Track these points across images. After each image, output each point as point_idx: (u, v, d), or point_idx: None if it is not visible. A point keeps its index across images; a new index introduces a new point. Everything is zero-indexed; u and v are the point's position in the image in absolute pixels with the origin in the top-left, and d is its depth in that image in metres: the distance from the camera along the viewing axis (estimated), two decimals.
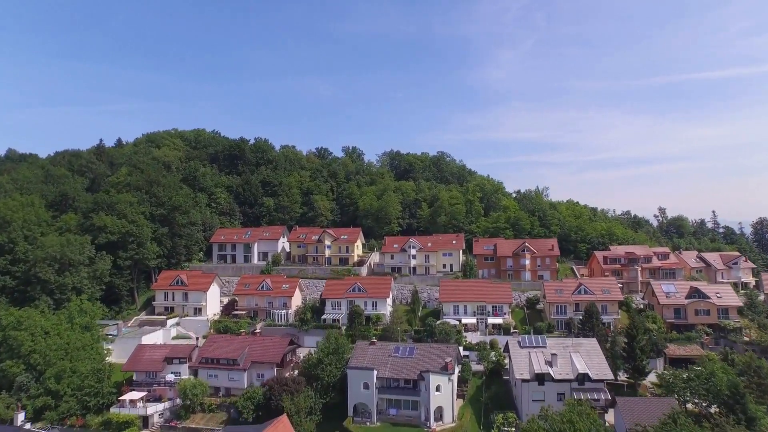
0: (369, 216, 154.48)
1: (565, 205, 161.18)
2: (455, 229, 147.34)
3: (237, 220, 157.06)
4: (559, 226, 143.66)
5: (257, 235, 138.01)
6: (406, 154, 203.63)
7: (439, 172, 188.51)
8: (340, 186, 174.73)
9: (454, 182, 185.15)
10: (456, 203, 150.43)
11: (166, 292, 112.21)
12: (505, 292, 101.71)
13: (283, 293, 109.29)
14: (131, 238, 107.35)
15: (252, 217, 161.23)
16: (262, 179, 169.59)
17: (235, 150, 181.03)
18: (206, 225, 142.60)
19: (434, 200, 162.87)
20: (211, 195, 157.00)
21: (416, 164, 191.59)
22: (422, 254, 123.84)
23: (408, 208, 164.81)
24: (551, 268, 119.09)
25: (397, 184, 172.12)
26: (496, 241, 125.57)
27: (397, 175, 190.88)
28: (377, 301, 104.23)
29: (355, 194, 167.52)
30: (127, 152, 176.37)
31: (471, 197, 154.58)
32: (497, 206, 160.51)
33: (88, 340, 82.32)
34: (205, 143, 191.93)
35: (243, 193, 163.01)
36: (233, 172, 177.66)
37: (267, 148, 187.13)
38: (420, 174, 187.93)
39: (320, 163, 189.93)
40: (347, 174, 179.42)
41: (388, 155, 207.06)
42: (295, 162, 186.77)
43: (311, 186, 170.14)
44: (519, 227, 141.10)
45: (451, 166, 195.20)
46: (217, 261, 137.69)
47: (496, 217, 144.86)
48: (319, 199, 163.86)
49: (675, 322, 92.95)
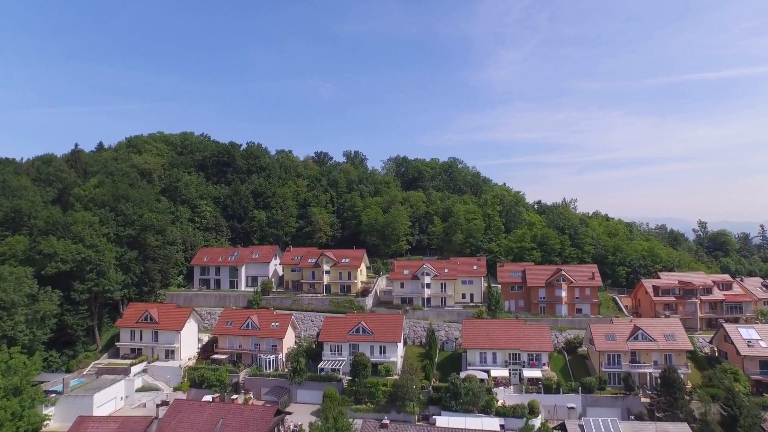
0: (374, 232, 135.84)
1: (597, 221, 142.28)
2: (473, 249, 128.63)
3: (224, 236, 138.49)
4: (593, 245, 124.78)
5: (245, 256, 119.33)
6: (414, 160, 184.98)
7: (451, 181, 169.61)
8: (341, 197, 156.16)
9: (468, 192, 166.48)
10: (473, 218, 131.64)
11: (132, 330, 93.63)
12: (542, 336, 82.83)
13: (272, 334, 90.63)
14: (89, 266, 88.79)
15: (241, 233, 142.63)
16: (254, 189, 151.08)
17: (224, 156, 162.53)
18: (188, 244, 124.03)
19: (447, 213, 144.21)
20: (194, 208, 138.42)
21: (425, 171, 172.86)
22: (438, 282, 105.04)
23: (418, 222, 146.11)
24: (592, 301, 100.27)
25: (404, 195, 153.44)
26: (525, 267, 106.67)
27: (405, 183, 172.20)
28: (386, 345, 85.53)
29: (358, 206, 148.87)
30: (105, 159, 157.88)
31: (490, 211, 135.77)
32: (518, 220, 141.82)
33: (17, 408, 63.76)
34: (192, 148, 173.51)
35: (231, 205, 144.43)
36: (222, 181, 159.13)
37: (260, 153, 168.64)
38: (430, 182, 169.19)
39: (319, 170, 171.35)
40: (349, 183, 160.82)
41: (394, 161, 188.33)
42: (291, 169, 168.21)
43: (309, 197, 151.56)
44: (547, 247, 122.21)
45: (464, 173, 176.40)
46: (199, 286, 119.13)
47: (520, 235, 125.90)
48: (317, 212, 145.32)
49: (763, 380, 74.05)
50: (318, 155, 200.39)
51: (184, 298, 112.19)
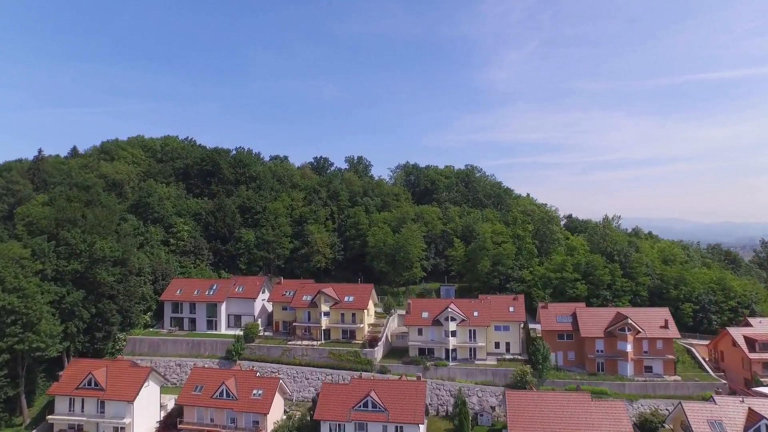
0: (382, 256, 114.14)
1: (647, 242, 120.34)
2: (501, 278, 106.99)
3: (205, 261, 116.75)
4: (648, 275, 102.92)
5: (226, 289, 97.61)
6: (426, 168, 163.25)
7: (469, 192, 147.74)
8: (343, 211, 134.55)
9: (490, 205, 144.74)
10: (503, 241, 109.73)
11: (71, 398, 71.92)
12: (617, 419, 60.88)
13: (253, 406, 68.85)
14: (11, 318, 67.29)
15: (225, 256, 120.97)
16: (241, 203, 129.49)
17: (207, 164, 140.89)
18: (159, 273, 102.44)
19: (468, 232, 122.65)
20: (169, 228, 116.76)
21: (440, 181, 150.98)
22: (465, 329, 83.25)
23: (433, 243, 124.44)
24: (666, 357, 78.29)
25: (417, 210, 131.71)
26: (576, 309, 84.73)
27: (416, 195, 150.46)
28: (404, 427, 63.79)
29: (363, 224, 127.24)
30: (71, 168, 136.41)
31: (520, 231, 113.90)
32: (550, 240, 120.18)
33: None
34: (173, 154, 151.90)
35: (215, 223, 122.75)
36: (205, 194, 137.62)
37: (250, 160, 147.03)
38: (445, 194, 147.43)
39: (318, 179, 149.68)
40: (352, 195, 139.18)
41: (403, 169, 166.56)
42: (285, 179, 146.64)
43: (305, 212, 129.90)
44: (594, 278, 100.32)
45: (484, 183, 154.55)
46: (170, 327, 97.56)
47: (559, 263, 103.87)
48: (315, 231, 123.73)
49: None
50: (317, 161, 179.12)
51: (150, 344, 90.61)
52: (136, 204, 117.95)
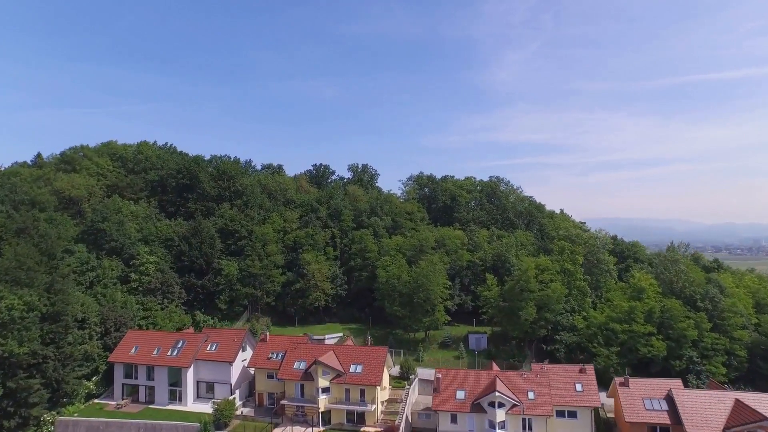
0: (395, 296, 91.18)
1: (730, 277, 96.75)
2: (549, 327, 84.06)
3: (175, 301, 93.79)
4: (745, 328, 79.62)
5: (195, 347, 74.54)
6: (443, 180, 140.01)
7: (498, 211, 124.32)
8: (347, 235, 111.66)
9: (521, 226, 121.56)
10: (551, 279, 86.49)
11: None
12: None
13: None
14: None
15: (201, 293, 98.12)
16: (223, 226, 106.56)
17: (184, 176, 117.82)
18: (111, 322, 79.64)
19: (499, 262, 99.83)
20: (131, 260, 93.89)
21: (461, 196, 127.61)
22: (517, 419, 60.04)
23: (458, 275, 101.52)
24: None
25: (437, 234, 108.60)
26: (671, 390, 61.28)
27: (433, 213, 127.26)
28: None
29: (371, 251, 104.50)
30: (20, 181, 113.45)
31: (569, 265, 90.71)
32: (598, 272, 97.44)
33: None
34: (146, 164, 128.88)
35: (189, 251, 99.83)
36: (180, 212, 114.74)
37: (236, 171, 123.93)
38: (468, 213, 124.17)
39: (317, 194, 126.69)
40: (357, 214, 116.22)
41: (416, 181, 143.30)
42: (277, 194, 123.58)
43: (300, 237, 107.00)
44: (675, 332, 76.99)
45: (512, 198, 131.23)
46: (122, 396, 74.58)
47: (626, 311, 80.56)
48: (312, 260, 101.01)
49: None
50: (316, 170, 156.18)
51: (88, 428, 67.62)
52: (89, 230, 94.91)
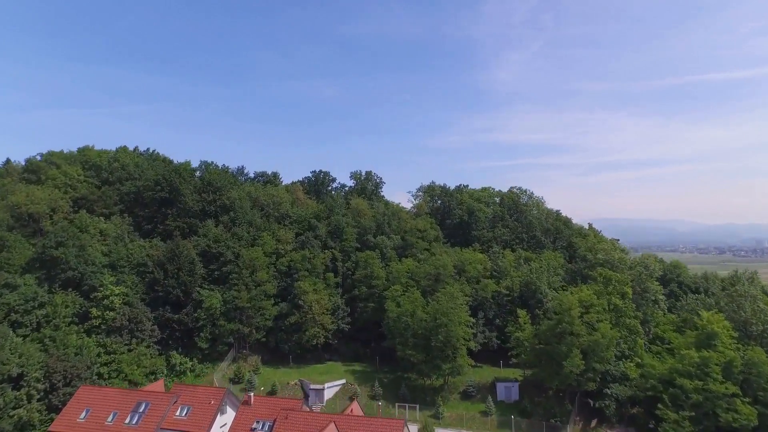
0: (408, 338, 76.04)
1: None
2: (598, 380, 68.90)
3: (145, 340, 78.57)
4: None
5: (160, 412, 59.16)
6: (457, 190, 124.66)
7: (523, 229, 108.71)
8: (350, 257, 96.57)
9: (548, 245, 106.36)
10: (597, 319, 71.14)
11: None
12: None
13: None
14: None
15: (177, 330, 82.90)
16: (205, 248, 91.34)
17: (163, 188, 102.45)
18: (60, 375, 64.56)
19: (529, 292, 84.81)
20: (92, 292, 78.68)
21: (479, 211, 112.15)
22: None
23: (481, 307, 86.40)
24: None
25: (456, 258, 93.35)
26: None
27: (448, 230, 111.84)
28: None
29: (378, 278, 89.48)
30: None
31: (618, 301, 75.40)
32: (644, 301, 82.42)
33: None
34: (122, 174, 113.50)
35: (163, 279, 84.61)
36: (158, 230, 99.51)
37: (223, 182, 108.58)
38: (488, 230, 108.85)
39: (316, 208, 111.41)
40: (361, 232, 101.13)
41: (427, 192, 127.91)
42: (270, 208, 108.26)
43: (296, 260, 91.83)
44: (763, 393, 61.79)
45: (538, 213, 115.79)
46: None
47: (698, 362, 65.23)
48: (309, 289, 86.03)
49: None
50: (315, 177, 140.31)
51: None
52: (40, 257, 79.61)
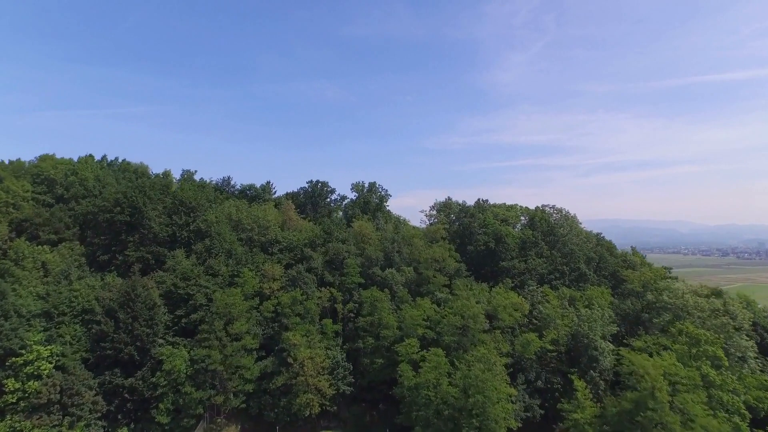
0: (429, 415, 57.30)
1: None
2: None
3: (84, 417, 59.64)
4: None
5: None
6: (478, 208, 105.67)
7: (563, 258, 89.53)
8: (351, 296, 77.82)
9: (591, 276, 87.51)
10: (691, 399, 52.34)
11: None
12: None
13: None
14: None
15: (130, 401, 63.92)
16: (170, 288, 72.38)
17: (124, 209, 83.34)
18: None
19: (581, 346, 66.33)
20: (7, 359, 59.72)
21: (507, 234, 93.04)
22: None
23: (521, 370, 67.64)
24: None
25: (486, 302, 74.39)
26: None
27: (469, 258, 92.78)
28: None
29: (388, 326, 70.73)
30: None
31: (710, 372, 56.72)
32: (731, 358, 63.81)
33: None
34: (78, 190, 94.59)
35: (115, 332, 65.69)
36: (116, 261, 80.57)
37: (199, 200, 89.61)
38: (519, 258, 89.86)
39: (310, 233, 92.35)
40: (367, 264, 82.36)
41: (442, 210, 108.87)
42: (254, 233, 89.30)
43: (284, 304, 72.94)
44: None
45: (578, 237, 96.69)
46: None
47: None
48: (300, 341, 67.46)
49: None
50: (312, 187, 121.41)
51: None
52: None
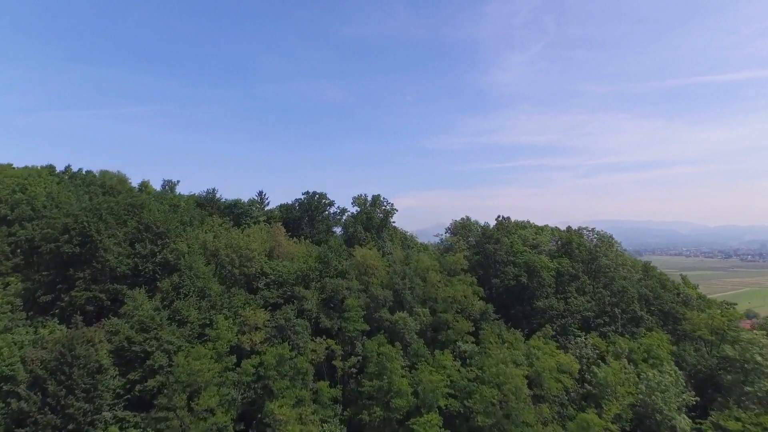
0: None
1: None
2: None
3: None
4: None
5: None
6: (501, 227, 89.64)
7: (612, 296, 73.21)
8: (353, 347, 61.91)
9: (647, 318, 71.52)
10: None
11: None
12: None
13: None
14: None
15: None
16: (123, 343, 56.28)
17: (72, 239, 67.15)
18: None
19: (650, 423, 50.09)
20: None
21: (541, 266, 76.81)
22: None
23: None
24: None
25: (526, 361, 58.53)
26: None
27: (491, 290, 76.62)
28: None
29: (401, 393, 54.72)
30: None
31: None
32: None
33: None
34: (23, 212, 78.50)
35: (37, 412, 49.63)
36: (60, 305, 64.54)
37: (171, 224, 73.50)
38: (557, 296, 73.70)
39: (305, 264, 76.04)
40: (371, 305, 66.44)
41: (461, 232, 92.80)
42: (234, 266, 73.18)
43: (268, 364, 56.89)
44: None
45: (613, 260, 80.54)
46: None
47: None
48: (287, 413, 51.40)
49: None
50: (308, 199, 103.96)
51: None
52: None
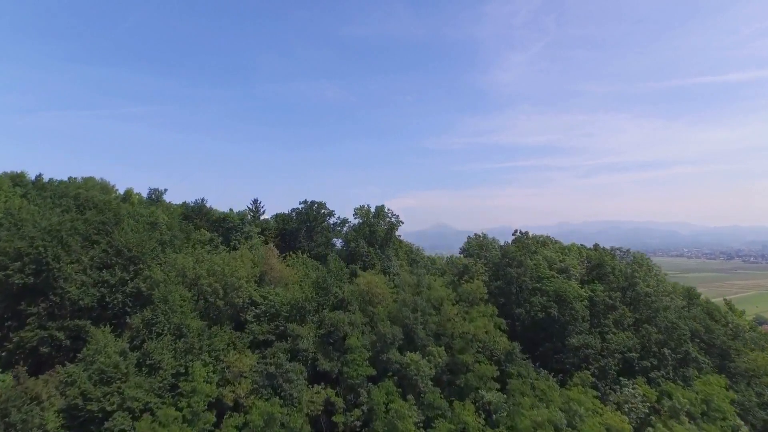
0: None
1: None
2: None
3: None
4: None
5: None
6: (522, 248, 79.18)
7: (660, 332, 62.75)
8: (357, 395, 51.54)
9: (698, 355, 61.30)
10: None
11: None
12: None
13: None
14: None
15: None
16: (75, 402, 45.93)
17: (27, 267, 56.76)
18: None
19: None
20: None
21: (576, 298, 66.43)
22: None
23: None
24: None
25: (562, 423, 48.13)
26: None
27: (524, 330, 66.30)
28: None
29: None
30: None
31: None
32: None
33: None
34: None
35: None
36: (8, 348, 54.10)
37: (145, 248, 63.02)
38: (594, 332, 63.34)
39: (300, 293, 65.59)
40: (378, 345, 56.13)
41: (476, 251, 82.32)
42: (218, 297, 62.68)
43: (255, 425, 46.54)
44: None
45: (655, 286, 70.30)
46: None
47: None
48: None
49: None
50: (307, 208, 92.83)
51: None
52: None
